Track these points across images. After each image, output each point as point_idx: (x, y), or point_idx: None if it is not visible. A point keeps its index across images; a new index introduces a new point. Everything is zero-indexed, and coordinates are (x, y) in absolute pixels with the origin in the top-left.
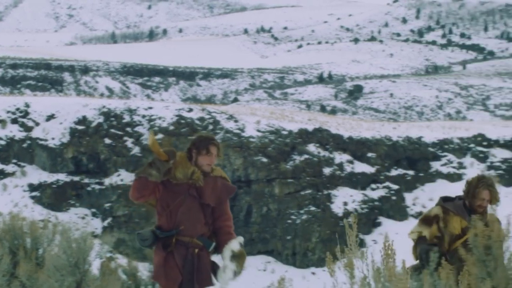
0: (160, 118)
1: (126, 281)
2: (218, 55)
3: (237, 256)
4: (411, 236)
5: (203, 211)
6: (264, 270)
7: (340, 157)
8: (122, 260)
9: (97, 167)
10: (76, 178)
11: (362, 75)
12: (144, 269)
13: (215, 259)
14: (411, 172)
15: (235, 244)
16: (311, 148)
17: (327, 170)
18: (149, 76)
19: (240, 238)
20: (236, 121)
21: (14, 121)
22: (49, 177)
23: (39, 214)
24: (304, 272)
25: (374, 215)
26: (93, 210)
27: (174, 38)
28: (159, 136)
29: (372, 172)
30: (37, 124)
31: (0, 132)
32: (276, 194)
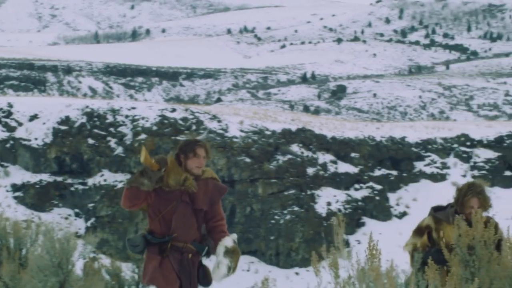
0: (143, 118)
1: (110, 281)
2: (201, 55)
3: (231, 252)
4: (407, 249)
5: (196, 216)
6: (248, 270)
7: (324, 157)
8: (106, 260)
9: (80, 167)
10: (59, 178)
11: (345, 75)
12: (127, 269)
13: (209, 261)
14: (395, 172)
15: (229, 241)
16: (295, 148)
17: (311, 170)
18: (132, 76)
19: (234, 235)
20: (220, 121)
21: None
22: (32, 177)
23: (22, 215)
24: (288, 272)
25: (358, 215)
26: (76, 210)
27: (157, 38)
28: (142, 137)
29: (356, 172)
30: (20, 124)
31: None
32: (260, 194)
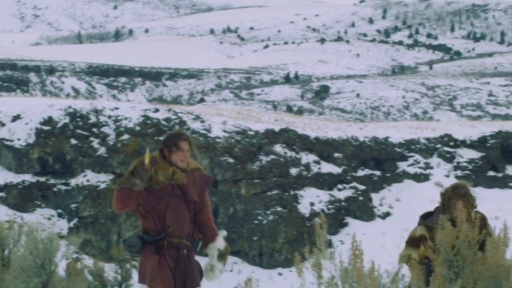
0: (126, 119)
1: (92, 282)
2: (184, 56)
3: (224, 254)
4: (402, 261)
5: (188, 209)
6: (231, 271)
7: (307, 158)
8: (88, 261)
9: (63, 168)
10: (42, 179)
11: (329, 75)
12: (110, 270)
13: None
14: (378, 173)
15: (221, 243)
16: (278, 149)
17: (294, 171)
18: (115, 77)
19: (223, 232)
20: (203, 122)
21: None
22: (15, 178)
23: (5, 215)
24: (271, 273)
25: (341, 216)
26: (59, 211)
27: (140, 38)
28: (125, 137)
29: (339, 173)
30: (3, 125)
31: None
32: (243, 195)
